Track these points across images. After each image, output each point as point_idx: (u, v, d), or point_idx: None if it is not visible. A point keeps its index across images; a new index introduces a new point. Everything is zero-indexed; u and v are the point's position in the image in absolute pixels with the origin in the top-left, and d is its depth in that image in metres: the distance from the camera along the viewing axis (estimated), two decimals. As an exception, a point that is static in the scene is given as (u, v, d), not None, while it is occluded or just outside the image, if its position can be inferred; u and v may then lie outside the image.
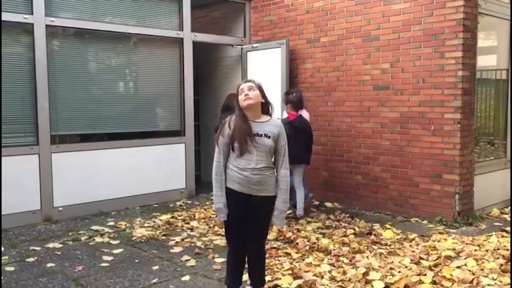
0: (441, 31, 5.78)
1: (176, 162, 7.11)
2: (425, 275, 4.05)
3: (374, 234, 5.37)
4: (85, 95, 6.32)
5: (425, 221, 5.93)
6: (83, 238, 5.26)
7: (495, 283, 3.89)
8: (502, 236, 5.22)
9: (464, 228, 5.66)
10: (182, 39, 7.05)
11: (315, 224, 5.77)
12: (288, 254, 4.65)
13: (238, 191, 3.38)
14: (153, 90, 7.01)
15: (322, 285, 3.91)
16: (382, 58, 6.32)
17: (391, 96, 6.28)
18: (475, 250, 4.72)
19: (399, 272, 4.11)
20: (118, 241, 5.17)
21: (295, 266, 4.29)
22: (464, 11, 5.63)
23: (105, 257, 4.64)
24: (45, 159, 5.87)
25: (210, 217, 6.06)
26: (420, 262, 4.38)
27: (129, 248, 4.95)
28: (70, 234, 5.40)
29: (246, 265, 3.59)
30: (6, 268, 4.34)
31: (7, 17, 5.54)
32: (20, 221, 5.66)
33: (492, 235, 5.25)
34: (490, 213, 6.31)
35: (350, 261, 4.45)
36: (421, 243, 5.01)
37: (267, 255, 4.26)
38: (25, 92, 5.78)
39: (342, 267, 4.27)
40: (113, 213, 6.30)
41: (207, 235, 5.37)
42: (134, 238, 5.26)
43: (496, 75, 6.86)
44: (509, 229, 5.44)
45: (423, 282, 3.90)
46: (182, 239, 5.22)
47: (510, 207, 6.47)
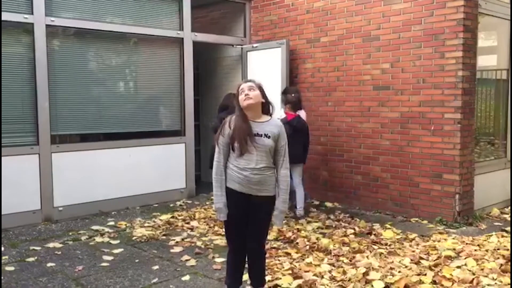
0: (441, 31, 5.78)
1: (176, 162, 7.11)
2: (425, 275, 4.05)
3: (374, 234, 5.37)
4: (86, 95, 6.32)
5: (425, 221, 5.93)
6: (83, 238, 5.26)
7: (495, 283, 3.89)
8: (502, 236, 5.22)
9: (464, 228, 5.66)
10: (182, 39, 7.05)
11: (315, 224, 5.77)
12: (288, 254, 4.65)
13: (238, 191, 3.38)
14: (153, 90, 7.01)
15: (322, 285, 3.91)
16: (382, 58, 6.32)
17: (391, 96, 6.28)
18: (475, 250, 4.72)
19: (399, 272, 4.11)
20: (118, 241, 5.17)
21: (295, 266, 4.29)
22: (465, 11, 5.63)
23: (105, 257, 4.64)
24: (45, 159, 5.88)
25: (210, 217, 6.06)
26: (420, 262, 4.38)
27: (129, 248, 4.96)
28: (70, 234, 5.41)
29: (246, 265, 3.59)
30: (6, 268, 4.34)
31: (7, 17, 5.54)
32: (20, 221, 5.67)
33: (492, 235, 5.25)
34: (490, 213, 6.31)
35: (350, 261, 4.45)
36: (421, 243, 5.01)
37: (267, 255, 4.25)
38: (25, 92, 5.79)
39: (342, 267, 4.27)
40: (113, 213, 6.30)
41: (207, 235, 5.37)
42: (134, 238, 5.26)
43: (496, 75, 6.86)
44: (509, 229, 5.44)
45: (423, 282, 3.90)
46: (182, 239, 5.22)
47: (510, 207, 6.47)
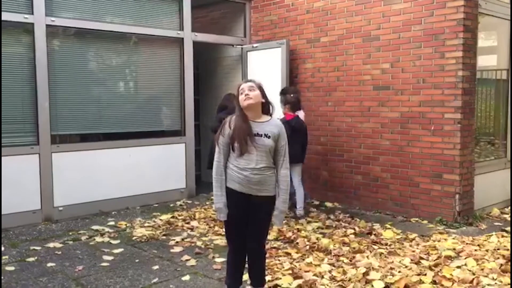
0: (442, 31, 5.78)
1: (176, 162, 7.11)
2: (425, 275, 4.05)
3: (374, 234, 5.37)
4: (86, 95, 6.32)
5: (425, 221, 5.93)
6: (84, 238, 5.26)
7: (495, 283, 3.89)
8: (502, 236, 5.22)
9: (464, 228, 5.66)
10: (183, 39, 7.05)
11: (315, 224, 5.77)
12: (288, 254, 4.65)
13: (238, 191, 3.38)
14: (154, 90, 7.01)
15: (322, 285, 3.91)
16: (382, 58, 6.32)
17: (391, 96, 6.28)
18: (475, 250, 4.72)
19: (399, 272, 4.11)
20: (119, 241, 5.17)
21: (295, 266, 4.29)
22: (465, 11, 5.63)
23: (106, 257, 4.64)
24: (46, 159, 5.88)
25: (211, 217, 6.05)
26: (420, 262, 4.38)
27: (130, 248, 4.96)
28: (71, 234, 5.41)
29: (246, 265, 3.59)
30: (7, 268, 4.34)
31: (8, 17, 5.54)
32: (21, 221, 5.67)
33: (492, 235, 5.25)
34: (490, 213, 6.31)
35: (350, 261, 4.45)
36: (421, 243, 5.02)
37: (267, 255, 4.25)
38: (26, 92, 5.79)
39: (342, 267, 4.27)
40: (113, 213, 6.30)
41: (207, 235, 5.37)
42: (135, 238, 5.26)
43: (496, 75, 6.86)
44: (509, 229, 5.44)
45: (423, 282, 3.91)
46: (182, 239, 5.22)
47: (510, 207, 6.47)
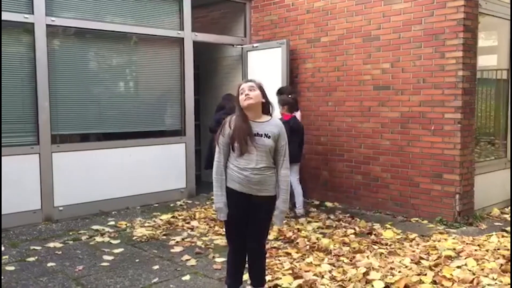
0: (442, 31, 5.78)
1: (177, 162, 7.11)
2: (426, 275, 4.05)
3: (375, 234, 5.37)
4: (86, 95, 6.32)
5: (426, 221, 5.93)
6: (84, 238, 5.26)
7: (495, 283, 3.89)
8: (503, 236, 5.22)
9: (465, 228, 5.66)
10: (183, 39, 7.05)
11: (316, 224, 5.77)
12: (289, 254, 4.65)
13: (239, 191, 3.38)
14: (154, 90, 7.01)
15: (323, 285, 3.91)
16: (383, 58, 6.32)
17: (392, 96, 6.28)
18: (476, 250, 4.72)
19: (399, 272, 4.11)
20: (119, 241, 5.17)
21: (296, 266, 4.29)
22: (465, 11, 5.63)
23: (106, 257, 4.64)
24: (46, 159, 5.88)
25: (211, 217, 6.05)
26: (421, 262, 4.38)
27: (130, 248, 4.96)
28: (71, 234, 5.41)
29: (246, 265, 3.59)
30: (7, 268, 4.34)
31: (8, 17, 5.53)
32: (21, 221, 5.67)
33: (493, 235, 5.25)
34: (491, 213, 6.31)
35: (351, 261, 4.45)
36: (422, 243, 5.01)
37: (268, 255, 4.25)
38: (26, 92, 5.79)
39: (343, 267, 4.27)
40: (114, 213, 6.30)
41: (208, 235, 5.37)
42: (135, 238, 5.26)
43: (497, 75, 6.86)
44: (509, 229, 5.44)
45: (423, 282, 3.91)
46: (183, 239, 5.22)
47: (510, 207, 6.46)
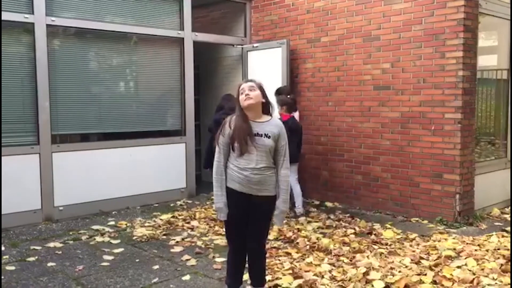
0: (442, 31, 5.78)
1: (177, 162, 7.11)
2: (426, 275, 4.05)
3: (375, 234, 5.37)
4: (86, 95, 6.32)
5: (426, 221, 5.93)
6: (84, 238, 5.26)
7: (496, 283, 3.89)
8: (503, 236, 5.22)
9: (465, 228, 5.66)
10: (183, 39, 7.05)
11: (316, 224, 5.77)
12: (289, 254, 4.65)
13: (239, 191, 3.38)
14: (154, 90, 7.01)
15: (323, 285, 3.91)
16: (383, 58, 6.32)
17: (392, 96, 6.27)
18: (476, 250, 4.72)
19: (400, 272, 4.11)
20: (119, 241, 5.17)
21: (296, 266, 4.29)
22: (465, 11, 5.63)
23: (106, 257, 4.64)
24: (46, 159, 5.88)
25: (211, 217, 6.05)
26: (421, 262, 4.38)
27: (130, 248, 4.96)
28: (71, 234, 5.41)
29: (247, 265, 3.59)
30: (7, 267, 4.34)
31: (8, 17, 5.53)
32: (21, 221, 5.67)
33: (493, 235, 5.25)
34: (491, 213, 6.31)
35: (351, 261, 4.45)
36: (422, 243, 5.01)
37: (268, 255, 4.25)
38: (26, 92, 5.79)
39: (343, 267, 4.27)
40: (114, 213, 6.30)
41: (208, 235, 5.37)
42: (135, 238, 5.26)
43: (497, 75, 6.86)
44: (510, 229, 5.44)
45: (424, 282, 3.91)
46: (183, 239, 5.22)
47: (511, 207, 6.46)
